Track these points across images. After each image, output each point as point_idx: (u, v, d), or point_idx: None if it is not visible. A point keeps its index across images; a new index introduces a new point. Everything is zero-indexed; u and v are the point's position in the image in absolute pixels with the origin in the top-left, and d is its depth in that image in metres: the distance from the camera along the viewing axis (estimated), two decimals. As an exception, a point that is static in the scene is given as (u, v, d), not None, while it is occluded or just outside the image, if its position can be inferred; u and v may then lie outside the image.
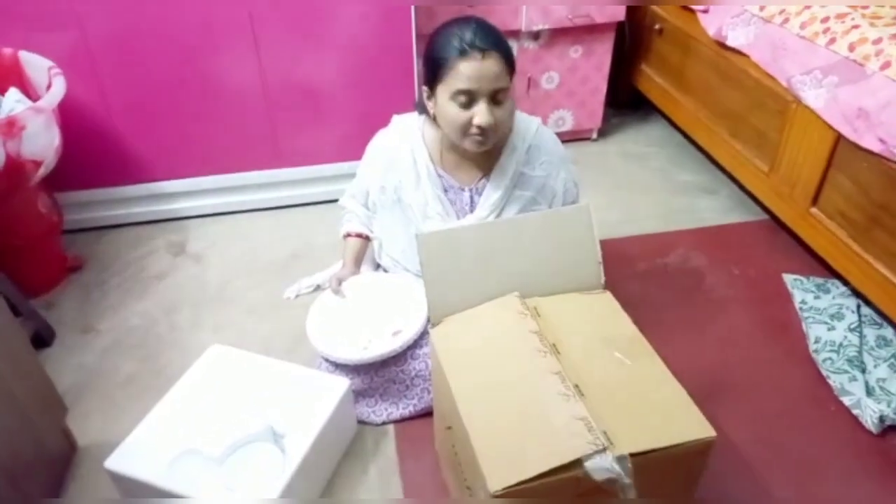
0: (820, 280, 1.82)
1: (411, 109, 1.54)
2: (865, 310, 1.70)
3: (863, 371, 1.52)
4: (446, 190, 1.49)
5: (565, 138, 2.31)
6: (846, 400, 1.48)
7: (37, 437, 1.27)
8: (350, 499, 1.33)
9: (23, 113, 1.53)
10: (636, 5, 2.43)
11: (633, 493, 0.91)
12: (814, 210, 1.73)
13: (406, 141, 1.49)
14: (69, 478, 1.37)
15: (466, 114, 1.31)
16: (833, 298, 1.75)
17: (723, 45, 2.03)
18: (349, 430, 1.43)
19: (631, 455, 0.90)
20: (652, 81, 2.51)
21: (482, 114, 1.29)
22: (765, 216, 2.13)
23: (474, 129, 1.32)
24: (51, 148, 1.64)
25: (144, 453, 1.25)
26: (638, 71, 2.61)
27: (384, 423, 1.47)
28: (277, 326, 1.74)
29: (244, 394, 1.38)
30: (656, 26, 2.41)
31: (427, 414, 1.44)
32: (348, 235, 1.64)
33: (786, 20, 1.78)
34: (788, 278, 1.85)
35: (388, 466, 1.39)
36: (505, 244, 1.18)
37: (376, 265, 1.69)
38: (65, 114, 1.72)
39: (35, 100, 1.71)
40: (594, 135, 2.63)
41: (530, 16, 2.20)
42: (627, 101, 2.78)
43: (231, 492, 1.23)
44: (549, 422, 0.94)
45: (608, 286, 1.22)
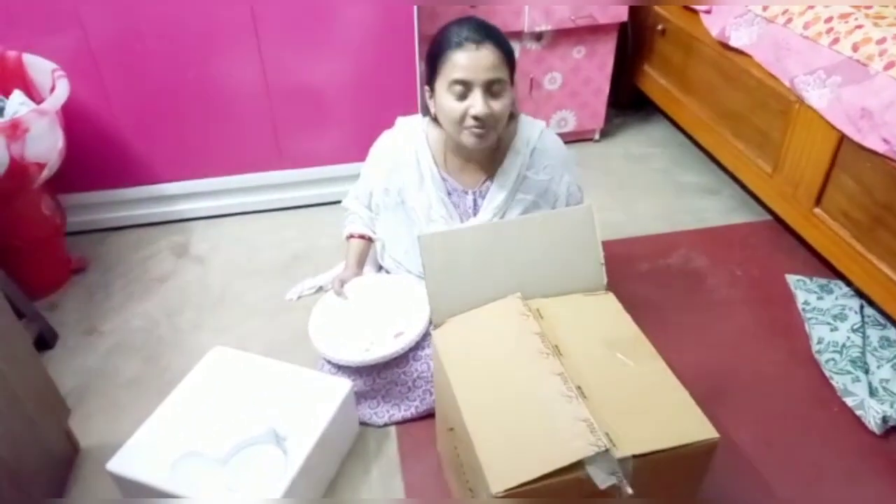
0: (823, 281, 1.82)
1: (414, 111, 1.54)
2: (869, 310, 1.70)
3: (866, 372, 1.52)
4: (450, 193, 1.49)
5: (568, 139, 2.31)
6: (849, 401, 1.47)
7: (39, 439, 1.27)
8: (352, 498, 1.34)
9: (26, 115, 1.54)
10: (639, 5, 2.43)
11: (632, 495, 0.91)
12: (817, 210, 1.73)
13: (410, 143, 1.49)
14: (71, 479, 1.37)
15: (462, 105, 1.30)
16: (836, 299, 1.74)
17: (725, 46, 2.03)
18: (351, 432, 1.43)
19: (633, 456, 0.89)
20: (654, 82, 2.51)
21: (477, 104, 1.29)
22: (768, 217, 2.12)
23: (470, 121, 1.31)
24: (54, 150, 1.64)
25: (146, 455, 1.25)
26: (640, 71, 2.60)
27: (386, 425, 1.47)
28: (279, 328, 1.74)
29: (246, 395, 1.38)
30: (659, 27, 2.40)
31: (429, 415, 1.44)
32: (351, 237, 1.64)
33: (789, 20, 1.78)
34: (791, 279, 1.84)
35: (390, 468, 1.38)
36: (507, 245, 1.18)
37: (379, 267, 1.69)
38: (68, 116, 1.72)
39: (39, 102, 1.72)
40: (597, 135, 2.63)
41: (533, 17, 2.20)
42: (630, 102, 2.78)
43: (233, 493, 1.23)
44: (552, 423, 0.94)
45: (610, 287, 1.22)
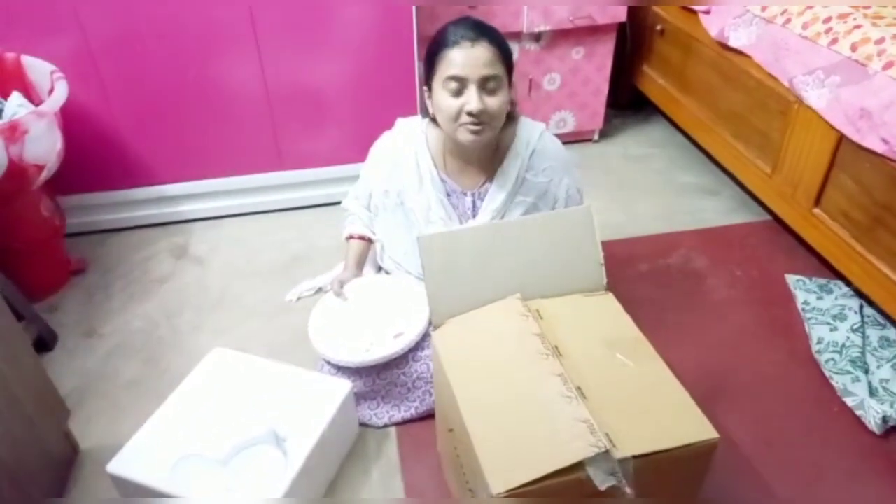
0: (822, 281, 1.82)
1: (413, 112, 1.54)
2: (868, 310, 1.70)
3: (866, 372, 1.52)
4: (449, 194, 1.49)
5: (567, 140, 2.31)
6: (849, 401, 1.47)
7: (39, 440, 1.27)
8: (353, 499, 1.33)
9: (25, 117, 1.54)
10: (637, 5, 2.43)
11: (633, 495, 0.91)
12: (816, 211, 1.73)
13: (410, 144, 1.49)
14: (71, 480, 1.37)
15: (457, 101, 1.31)
16: (836, 299, 1.74)
17: (724, 46, 2.03)
18: (351, 433, 1.43)
19: (633, 457, 0.89)
20: (653, 82, 2.51)
21: (472, 100, 1.29)
22: (767, 217, 2.12)
23: (465, 117, 1.31)
24: (53, 152, 1.64)
25: (146, 457, 1.25)
26: (639, 72, 2.60)
27: (386, 426, 1.46)
28: (279, 329, 1.74)
29: (246, 397, 1.38)
30: (658, 27, 2.40)
31: (429, 416, 1.44)
32: (351, 237, 1.64)
33: (788, 20, 1.78)
34: (791, 279, 1.84)
35: (390, 469, 1.38)
36: (506, 246, 1.18)
37: (378, 268, 1.69)
38: (67, 117, 1.72)
39: (38, 104, 1.72)
40: (596, 136, 2.63)
41: (531, 17, 2.20)
42: (629, 103, 2.78)
43: (233, 495, 1.23)
44: (552, 424, 0.94)
45: (610, 287, 1.22)
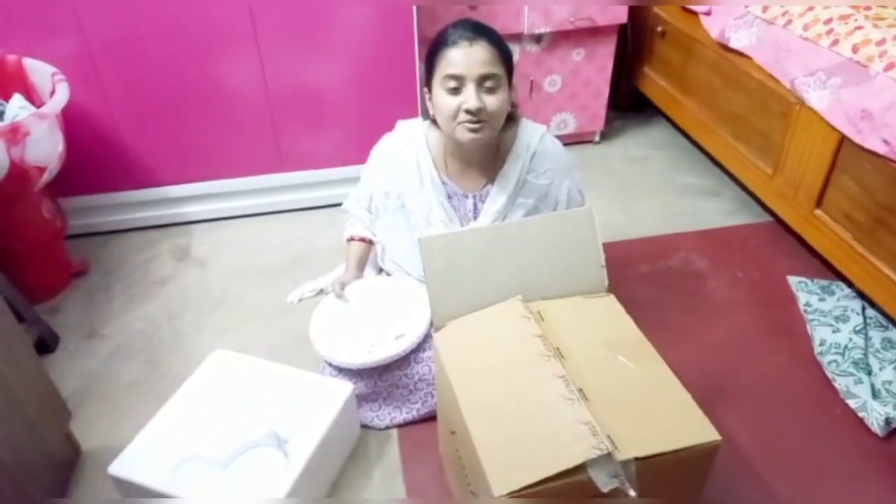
0: (825, 282, 1.82)
1: (414, 113, 1.54)
2: (871, 312, 1.70)
3: (868, 373, 1.51)
4: (450, 196, 1.49)
5: (567, 141, 2.31)
6: (852, 402, 1.47)
7: (40, 442, 1.27)
8: (354, 500, 1.33)
9: (26, 119, 1.54)
10: (638, 5, 2.43)
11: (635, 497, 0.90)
12: (818, 212, 1.73)
13: (410, 146, 1.49)
14: (73, 482, 1.37)
15: (456, 100, 1.31)
16: (838, 300, 1.74)
17: (725, 47, 2.03)
18: (353, 435, 1.43)
19: (636, 459, 0.89)
20: (654, 84, 2.51)
21: (470, 98, 1.29)
22: (768, 218, 2.12)
23: (463, 116, 1.31)
24: (54, 153, 1.65)
25: (148, 458, 1.25)
26: (640, 73, 2.60)
27: (388, 428, 1.46)
28: (280, 331, 1.74)
29: (247, 398, 1.38)
30: (658, 28, 2.40)
31: (431, 418, 1.43)
32: (352, 239, 1.64)
33: (789, 21, 1.78)
34: (793, 280, 1.84)
35: (392, 471, 1.38)
36: (508, 247, 1.18)
37: (379, 269, 1.69)
38: (68, 119, 1.72)
39: (39, 106, 1.72)
40: (597, 137, 2.63)
41: (532, 19, 2.20)
42: (630, 104, 2.78)
43: (234, 496, 1.23)
44: (553, 426, 0.94)
45: (611, 289, 1.22)
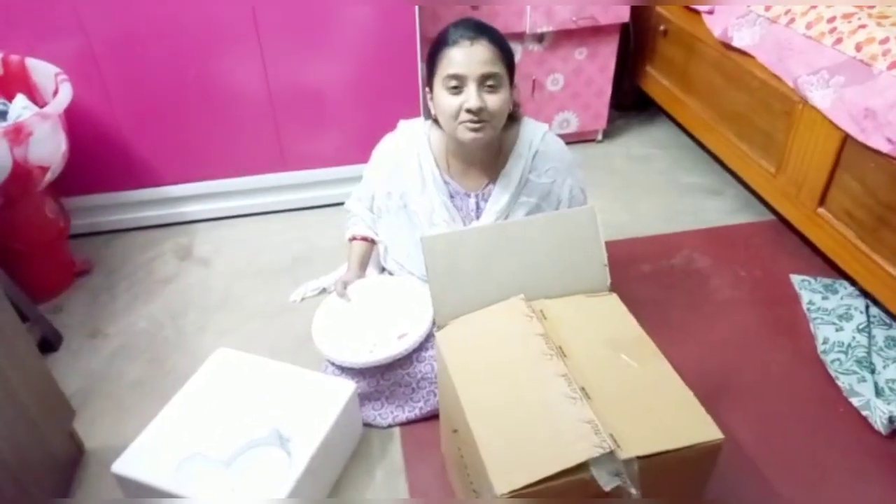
0: (828, 281, 1.81)
1: (416, 112, 1.54)
2: (874, 310, 1.70)
3: (872, 372, 1.51)
4: (452, 196, 1.49)
5: (570, 140, 2.31)
6: (855, 401, 1.47)
7: (44, 441, 1.27)
8: (357, 499, 1.33)
9: (29, 119, 1.54)
10: (640, 5, 2.42)
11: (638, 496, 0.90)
12: (821, 210, 1.72)
13: (412, 146, 1.49)
14: (76, 481, 1.37)
15: (457, 99, 1.31)
16: (841, 299, 1.74)
17: (728, 46, 2.02)
18: (355, 434, 1.43)
19: (638, 458, 0.89)
20: (657, 83, 2.51)
21: (471, 97, 1.29)
22: (771, 217, 2.12)
23: (464, 115, 1.31)
24: (58, 153, 1.65)
25: (151, 457, 1.25)
26: (643, 72, 2.60)
27: (390, 426, 1.46)
28: (283, 330, 1.74)
29: (250, 397, 1.38)
30: (661, 27, 2.40)
31: (433, 417, 1.43)
32: (354, 239, 1.64)
33: (791, 20, 1.78)
34: (796, 279, 1.84)
35: (395, 469, 1.38)
36: (510, 246, 1.18)
37: (381, 268, 1.69)
38: (71, 119, 1.73)
39: (42, 106, 1.72)
40: (599, 136, 2.63)
41: (534, 18, 2.20)
42: (632, 103, 2.77)
43: (237, 495, 1.23)
44: (556, 425, 0.94)
45: (614, 287, 1.22)
